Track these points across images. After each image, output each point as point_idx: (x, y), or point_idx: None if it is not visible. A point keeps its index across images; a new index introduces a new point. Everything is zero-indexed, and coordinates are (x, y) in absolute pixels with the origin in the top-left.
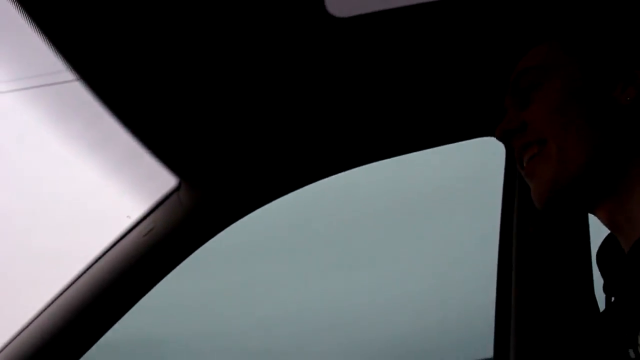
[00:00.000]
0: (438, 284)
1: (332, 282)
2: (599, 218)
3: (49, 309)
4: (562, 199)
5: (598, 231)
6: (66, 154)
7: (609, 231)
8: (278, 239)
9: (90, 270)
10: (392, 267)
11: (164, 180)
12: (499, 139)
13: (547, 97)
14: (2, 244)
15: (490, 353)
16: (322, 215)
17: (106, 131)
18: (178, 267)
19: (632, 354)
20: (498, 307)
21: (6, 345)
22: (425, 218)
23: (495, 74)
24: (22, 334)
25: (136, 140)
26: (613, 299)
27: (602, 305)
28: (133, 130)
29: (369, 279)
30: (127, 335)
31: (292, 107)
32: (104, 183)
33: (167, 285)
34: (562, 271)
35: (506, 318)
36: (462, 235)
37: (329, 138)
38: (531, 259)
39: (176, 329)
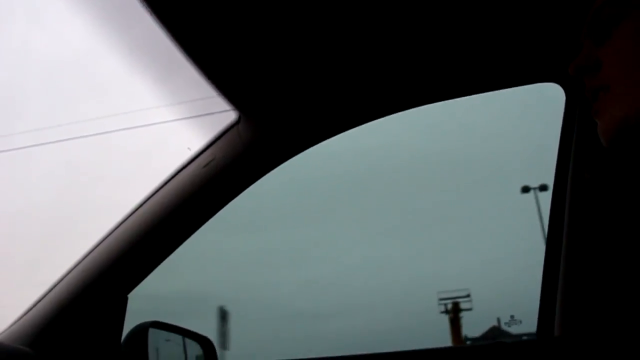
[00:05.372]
0: (487, 244)
1: (382, 245)
2: None
3: (114, 234)
4: (628, 137)
5: None
6: (133, 89)
7: None
8: (329, 202)
9: (153, 198)
10: (440, 232)
11: (225, 114)
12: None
13: (624, 37)
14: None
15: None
16: (376, 177)
17: (172, 64)
18: (225, 227)
19: None
20: (548, 256)
21: (79, 262)
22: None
23: (562, 17)
24: (92, 253)
25: (200, 73)
26: None
27: None
28: (198, 63)
29: (417, 244)
30: (176, 291)
31: (350, 45)
32: (166, 115)
33: (215, 244)
34: (617, 218)
35: (555, 268)
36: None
37: (387, 76)
38: (585, 206)
39: (222, 287)
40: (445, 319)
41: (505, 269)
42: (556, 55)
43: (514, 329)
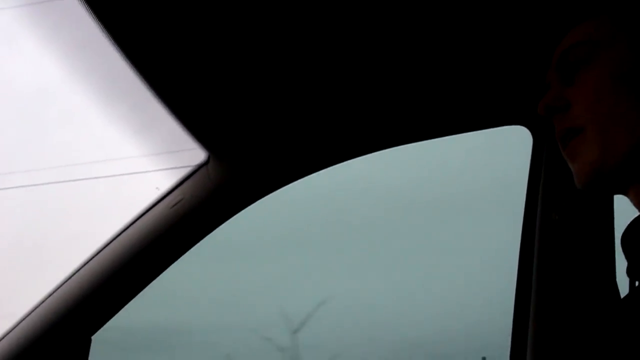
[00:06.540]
0: (459, 278)
1: (354, 280)
2: (630, 198)
3: (78, 274)
4: (604, 181)
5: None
6: (100, 126)
7: (628, 218)
8: (304, 235)
9: (120, 238)
10: (414, 264)
11: (194, 154)
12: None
13: (594, 78)
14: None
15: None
16: (350, 212)
17: (139, 103)
18: (202, 259)
19: None
20: (518, 295)
21: (41, 303)
22: (448, 214)
23: (530, 60)
24: (54, 293)
25: (169, 113)
26: (638, 283)
27: (623, 290)
28: (166, 103)
29: (392, 277)
30: (147, 323)
31: (323, 85)
32: (134, 154)
33: (190, 276)
34: (584, 258)
35: (526, 306)
36: (485, 229)
37: (359, 117)
38: (554, 247)
39: (196, 320)
40: None
41: (479, 311)
42: (522, 98)
43: None
